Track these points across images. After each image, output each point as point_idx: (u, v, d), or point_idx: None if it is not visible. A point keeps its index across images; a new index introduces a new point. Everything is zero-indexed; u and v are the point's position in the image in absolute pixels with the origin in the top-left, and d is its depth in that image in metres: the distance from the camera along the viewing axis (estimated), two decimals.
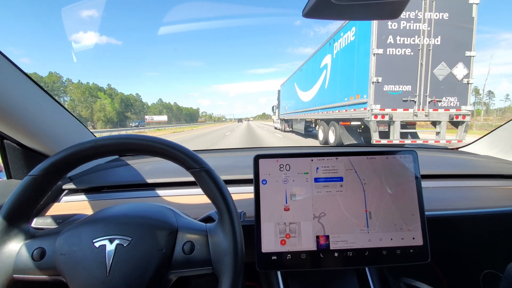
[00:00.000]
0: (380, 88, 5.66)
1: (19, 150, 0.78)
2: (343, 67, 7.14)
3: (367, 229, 0.61)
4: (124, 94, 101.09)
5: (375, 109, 5.69)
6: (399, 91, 5.70)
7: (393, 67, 5.62)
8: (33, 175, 0.45)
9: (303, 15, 0.43)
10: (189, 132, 26.18)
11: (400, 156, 0.65)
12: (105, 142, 0.47)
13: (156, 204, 0.55)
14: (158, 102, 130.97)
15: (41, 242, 0.45)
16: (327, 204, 0.62)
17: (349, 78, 6.75)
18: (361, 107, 6.14)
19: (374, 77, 5.62)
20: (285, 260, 0.60)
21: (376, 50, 5.55)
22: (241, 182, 0.88)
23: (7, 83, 0.63)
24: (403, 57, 5.61)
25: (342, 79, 7.27)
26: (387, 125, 5.99)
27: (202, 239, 0.48)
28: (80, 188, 0.86)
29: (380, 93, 5.66)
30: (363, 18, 0.47)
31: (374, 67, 5.60)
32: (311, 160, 0.64)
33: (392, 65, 5.61)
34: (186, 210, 0.61)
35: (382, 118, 5.70)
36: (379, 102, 5.70)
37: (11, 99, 0.64)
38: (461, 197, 0.84)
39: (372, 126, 5.81)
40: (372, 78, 5.62)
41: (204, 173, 0.48)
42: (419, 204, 0.63)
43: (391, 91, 5.70)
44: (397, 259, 0.61)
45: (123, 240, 0.44)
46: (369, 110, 5.75)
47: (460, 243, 0.92)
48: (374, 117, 5.70)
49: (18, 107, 0.67)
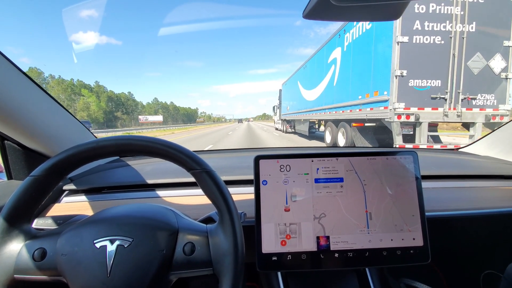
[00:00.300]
0: (404, 83, 4.82)
1: (20, 151, 0.78)
2: (356, 61, 6.26)
3: (368, 229, 0.62)
4: (115, 92, 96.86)
5: (399, 108, 4.85)
6: (426, 87, 4.83)
7: (420, 58, 4.75)
8: (35, 176, 0.45)
9: (304, 17, 0.44)
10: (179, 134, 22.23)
11: (400, 156, 0.65)
12: (106, 143, 0.47)
13: (157, 205, 0.55)
14: (154, 101, 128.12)
15: (42, 243, 0.46)
16: (327, 205, 0.62)
17: (364, 73, 5.89)
18: (380, 106, 5.29)
19: (397, 70, 4.76)
20: (286, 261, 0.60)
21: (401, 37, 4.66)
22: (241, 183, 0.88)
23: (7, 84, 0.63)
24: (432, 47, 4.74)
25: (355, 74, 6.40)
26: (412, 127, 5.15)
27: (202, 240, 0.48)
28: (81, 189, 0.86)
29: (405, 89, 4.84)
30: (363, 19, 0.47)
31: (398, 58, 4.74)
32: (311, 161, 0.64)
33: (418, 56, 4.74)
34: (186, 211, 0.61)
35: (406, 119, 4.87)
36: (404, 99, 4.85)
37: (12, 100, 0.65)
38: (461, 197, 0.85)
39: (395, 128, 5.00)
40: (396, 72, 4.77)
41: (205, 174, 0.48)
42: (419, 204, 0.63)
43: (417, 86, 4.83)
44: (398, 260, 0.61)
45: (124, 241, 0.45)
46: (391, 110, 4.92)
47: (460, 243, 0.93)
48: (398, 117, 4.89)
49: (19, 108, 0.67)
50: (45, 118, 0.76)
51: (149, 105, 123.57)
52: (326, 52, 8.16)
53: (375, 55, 5.45)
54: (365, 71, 5.82)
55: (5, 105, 0.63)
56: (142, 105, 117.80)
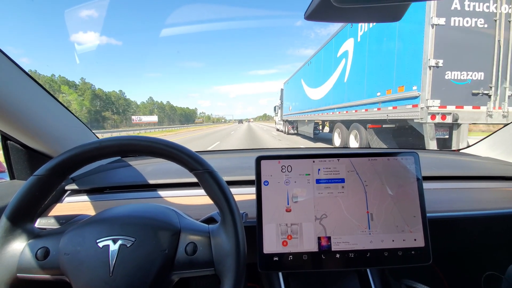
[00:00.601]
0: (440, 76, 3.91)
1: (23, 151, 0.79)
2: (374, 52, 5.35)
3: (369, 230, 0.62)
4: (104, 90, 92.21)
5: (433, 106, 3.94)
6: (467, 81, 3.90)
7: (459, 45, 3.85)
8: (38, 175, 0.45)
9: (305, 18, 0.44)
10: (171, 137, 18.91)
11: (401, 157, 0.65)
12: (109, 143, 0.47)
13: (159, 205, 0.55)
14: (149, 100, 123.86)
15: (45, 242, 0.46)
16: (328, 206, 0.62)
17: (384, 65, 4.97)
18: (407, 104, 4.40)
19: (432, 59, 3.84)
20: (287, 261, 0.60)
21: (436, 19, 3.79)
22: (243, 183, 0.88)
23: (10, 84, 0.64)
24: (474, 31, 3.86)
25: (372, 68, 5.46)
26: (448, 129, 4.31)
27: (204, 240, 0.48)
28: (83, 189, 0.86)
29: (440, 83, 3.93)
30: (364, 21, 0.48)
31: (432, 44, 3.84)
32: (312, 162, 0.64)
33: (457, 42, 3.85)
34: (188, 211, 0.62)
35: (442, 120, 3.99)
36: (439, 96, 3.93)
37: (15, 100, 0.65)
38: (462, 198, 0.84)
39: (428, 130, 4.14)
40: (429, 62, 3.85)
41: (207, 174, 0.48)
42: (420, 205, 0.63)
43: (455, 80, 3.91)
44: (399, 261, 0.61)
45: (127, 241, 0.45)
46: (422, 108, 4.02)
47: (462, 244, 0.92)
48: (431, 117, 4.00)
49: (22, 108, 0.68)
50: (48, 118, 0.77)
51: (144, 104, 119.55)
52: (335, 45, 7.20)
53: (401, 42, 4.55)
54: (386, 64, 4.88)
55: (9, 105, 0.64)
56: (136, 105, 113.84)
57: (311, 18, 0.43)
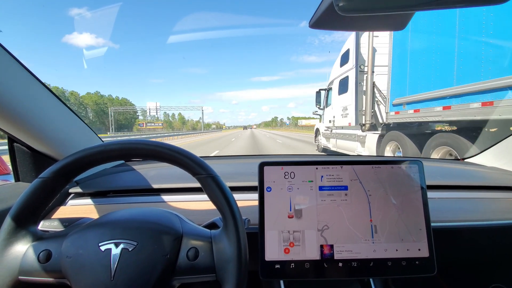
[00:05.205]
0: None
1: (28, 154, 0.80)
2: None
3: (372, 239, 0.61)
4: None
5: None
6: None
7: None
8: (43, 178, 0.46)
9: (310, 26, 0.45)
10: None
11: (405, 166, 0.65)
12: (114, 147, 0.47)
13: (162, 210, 0.55)
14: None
15: (48, 245, 0.46)
16: (331, 213, 0.62)
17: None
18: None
19: None
20: (289, 269, 0.59)
21: None
22: (245, 189, 0.88)
23: (18, 87, 0.65)
24: None
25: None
26: None
27: (206, 246, 0.48)
28: (86, 192, 0.87)
29: None
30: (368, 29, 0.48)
31: None
32: (315, 168, 0.64)
33: None
34: (190, 216, 0.61)
35: None
36: None
37: (22, 103, 0.66)
38: (467, 208, 0.83)
39: None
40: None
41: (210, 179, 0.48)
42: (425, 215, 0.62)
43: None
44: (403, 271, 0.60)
45: (129, 245, 0.45)
46: None
47: (467, 255, 0.91)
48: None
49: (29, 111, 0.69)
50: (54, 121, 0.78)
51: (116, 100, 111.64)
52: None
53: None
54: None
55: (16, 108, 0.65)
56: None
57: (315, 26, 0.44)
